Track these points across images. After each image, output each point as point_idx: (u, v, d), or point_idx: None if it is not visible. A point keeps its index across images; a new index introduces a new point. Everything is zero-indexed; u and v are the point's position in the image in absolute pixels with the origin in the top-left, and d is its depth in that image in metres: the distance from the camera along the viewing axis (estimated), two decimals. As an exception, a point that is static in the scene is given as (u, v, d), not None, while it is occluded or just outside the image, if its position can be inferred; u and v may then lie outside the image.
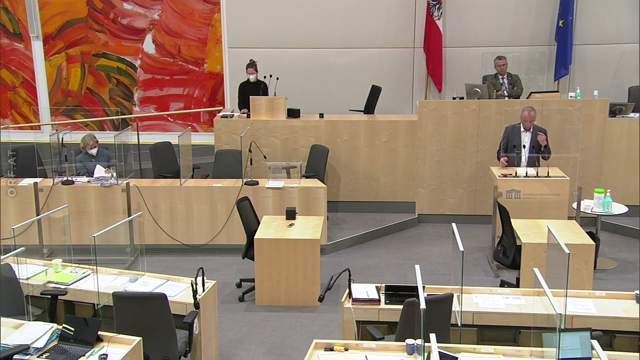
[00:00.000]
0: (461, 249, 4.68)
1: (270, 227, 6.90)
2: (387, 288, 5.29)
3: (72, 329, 4.51)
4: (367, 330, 5.00)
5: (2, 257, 5.20)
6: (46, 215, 7.43)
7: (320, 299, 5.17)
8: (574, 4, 9.80)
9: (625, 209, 7.31)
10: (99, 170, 7.95)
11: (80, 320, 4.58)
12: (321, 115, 9.12)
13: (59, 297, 5.36)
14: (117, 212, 7.73)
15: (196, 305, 5.04)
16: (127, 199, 7.75)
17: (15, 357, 4.34)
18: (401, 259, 7.80)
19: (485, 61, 9.76)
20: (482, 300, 5.18)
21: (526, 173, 7.58)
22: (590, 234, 6.72)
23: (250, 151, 8.00)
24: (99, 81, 10.91)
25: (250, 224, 6.92)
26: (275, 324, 6.32)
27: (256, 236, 6.69)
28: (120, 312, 4.84)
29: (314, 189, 7.86)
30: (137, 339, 4.53)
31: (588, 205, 7.30)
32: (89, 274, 5.65)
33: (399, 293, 5.23)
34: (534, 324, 4.78)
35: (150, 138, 10.13)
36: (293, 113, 9.10)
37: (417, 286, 4.41)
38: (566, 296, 4.66)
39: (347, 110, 9.75)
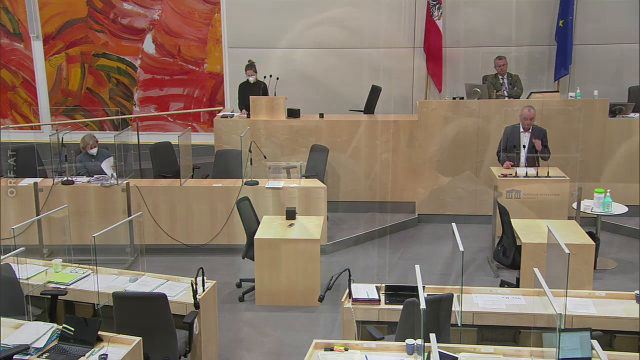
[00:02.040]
0: (461, 249, 4.68)
1: (270, 227, 6.90)
2: (387, 288, 5.29)
3: (72, 329, 4.51)
4: (367, 330, 5.00)
5: (2, 257, 5.20)
6: (46, 215, 7.43)
7: (320, 299, 5.17)
8: (574, 4, 9.79)
9: (625, 209, 7.30)
10: (106, 165, 7.94)
11: (80, 320, 4.58)
12: (321, 115, 9.11)
13: (59, 297, 5.36)
14: (117, 212, 7.72)
15: (196, 305, 5.04)
16: (127, 199, 7.74)
17: (15, 357, 4.34)
18: (401, 259, 7.80)
19: (485, 61, 9.76)
20: (482, 300, 5.17)
21: (526, 173, 7.57)
22: (590, 234, 6.72)
23: (250, 151, 8.00)
24: (99, 81, 10.91)
25: (250, 224, 6.91)
26: (275, 324, 6.32)
27: (256, 236, 6.69)
28: (120, 312, 4.83)
29: (314, 189, 7.86)
30: (137, 339, 4.54)
31: (588, 205, 7.30)
32: (89, 274, 5.65)
33: (399, 293, 5.23)
34: (534, 324, 4.78)
35: (150, 138, 10.13)
36: (293, 113, 9.09)
37: (417, 286, 4.41)
38: (566, 296, 4.66)
39: (347, 110, 9.75)
